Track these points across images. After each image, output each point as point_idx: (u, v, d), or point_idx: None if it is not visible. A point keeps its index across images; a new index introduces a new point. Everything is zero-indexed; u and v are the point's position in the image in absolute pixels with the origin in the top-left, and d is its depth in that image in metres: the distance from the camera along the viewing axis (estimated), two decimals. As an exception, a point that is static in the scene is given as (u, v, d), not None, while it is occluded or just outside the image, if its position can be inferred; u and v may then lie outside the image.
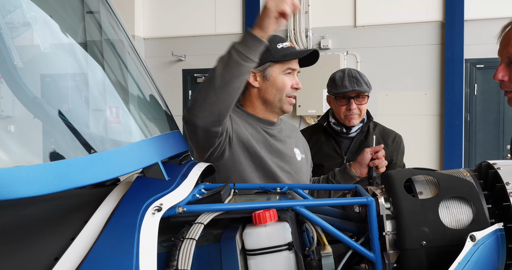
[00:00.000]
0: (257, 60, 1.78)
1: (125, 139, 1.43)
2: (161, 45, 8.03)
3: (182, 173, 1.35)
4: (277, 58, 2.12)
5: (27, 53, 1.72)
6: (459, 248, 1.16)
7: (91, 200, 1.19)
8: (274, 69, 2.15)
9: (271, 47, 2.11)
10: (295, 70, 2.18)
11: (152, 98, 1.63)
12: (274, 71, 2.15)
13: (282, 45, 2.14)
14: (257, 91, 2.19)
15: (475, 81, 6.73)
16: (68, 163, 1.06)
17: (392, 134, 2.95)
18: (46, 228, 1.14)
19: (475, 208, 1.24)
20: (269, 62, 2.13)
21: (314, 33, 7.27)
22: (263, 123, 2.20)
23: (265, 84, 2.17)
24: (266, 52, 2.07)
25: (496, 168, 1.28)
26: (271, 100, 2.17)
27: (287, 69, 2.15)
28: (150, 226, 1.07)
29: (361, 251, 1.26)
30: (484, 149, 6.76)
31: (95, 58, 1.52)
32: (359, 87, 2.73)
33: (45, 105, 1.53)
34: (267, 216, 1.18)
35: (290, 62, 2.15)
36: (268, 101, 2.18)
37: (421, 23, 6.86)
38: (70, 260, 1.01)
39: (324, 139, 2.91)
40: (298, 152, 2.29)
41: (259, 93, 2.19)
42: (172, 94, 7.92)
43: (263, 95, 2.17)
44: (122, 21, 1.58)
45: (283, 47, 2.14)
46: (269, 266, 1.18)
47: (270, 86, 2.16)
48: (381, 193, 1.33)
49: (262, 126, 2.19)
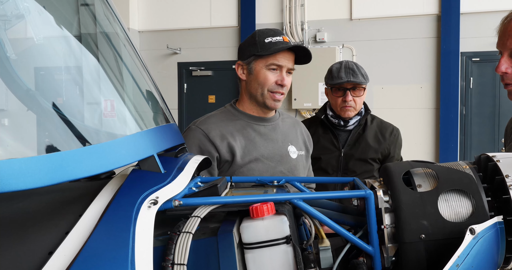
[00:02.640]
0: None
1: (120, 132, 1.42)
2: (156, 38, 7.99)
3: (178, 166, 1.33)
4: (260, 52, 2.12)
5: (20, 45, 1.69)
6: (458, 241, 1.15)
7: (86, 193, 1.17)
8: (257, 63, 2.16)
9: (258, 40, 2.12)
10: (282, 66, 2.15)
11: (147, 90, 1.61)
12: (258, 65, 2.16)
13: (270, 39, 2.12)
14: (244, 84, 2.24)
15: (470, 75, 6.73)
16: (62, 155, 1.04)
17: (390, 127, 2.95)
18: (40, 222, 1.12)
19: (475, 201, 1.22)
20: (253, 56, 2.13)
21: (309, 26, 7.25)
22: (254, 120, 2.22)
23: (249, 78, 2.20)
24: (252, 46, 2.11)
25: (496, 161, 1.27)
26: (254, 94, 2.20)
27: (271, 64, 2.14)
28: (146, 219, 1.05)
29: (359, 244, 1.25)
30: (480, 142, 6.78)
31: (89, 50, 1.50)
32: (355, 78, 2.72)
33: (39, 97, 1.50)
34: (264, 209, 1.16)
35: (275, 58, 2.13)
36: (252, 95, 2.21)
37: (417, 16, 6.85)
38: (64, 254, 1.00)
39: (322, 132, 2.90)
40: (294, 149, 2.29)
41: (246, 86, 2.23)
42: (167, 87, 7.90)
43: (248, 89, 2.21)
44: (117, 13, 1.55)
45: (271, 41, 2.12)
46: (266, 260, 1.16)
47: (253, 79, 2.18)
48: (379, 186, 1.31)
49: (253, 123, 2.19)
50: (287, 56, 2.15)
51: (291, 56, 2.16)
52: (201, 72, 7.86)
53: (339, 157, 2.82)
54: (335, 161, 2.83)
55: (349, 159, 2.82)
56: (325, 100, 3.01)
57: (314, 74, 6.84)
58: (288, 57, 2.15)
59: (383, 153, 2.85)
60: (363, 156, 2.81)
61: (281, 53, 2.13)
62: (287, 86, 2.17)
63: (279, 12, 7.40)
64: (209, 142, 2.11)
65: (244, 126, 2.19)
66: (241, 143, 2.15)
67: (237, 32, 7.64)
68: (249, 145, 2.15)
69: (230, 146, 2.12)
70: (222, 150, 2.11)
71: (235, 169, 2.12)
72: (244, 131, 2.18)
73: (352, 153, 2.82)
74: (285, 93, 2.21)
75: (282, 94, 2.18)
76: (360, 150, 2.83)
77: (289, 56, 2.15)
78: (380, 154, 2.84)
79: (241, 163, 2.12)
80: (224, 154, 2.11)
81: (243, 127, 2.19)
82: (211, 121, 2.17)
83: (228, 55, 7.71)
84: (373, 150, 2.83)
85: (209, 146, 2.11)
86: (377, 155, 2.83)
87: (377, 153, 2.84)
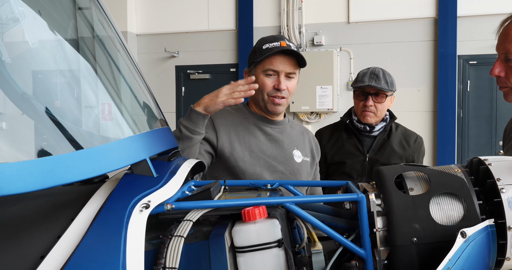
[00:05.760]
0: (203, 132, 2.05)
1: (113, 136, 1.42)
2: (154, 41, 8.00)
3: (171, 169, 1.33)
4: (258, 58, 2.18)
5: (15, 48, 1.69)
6: (450, 245, 1.15)
7: (78, 197, 1.17)
8: (256, 69, 2.23)
9: (257, 47, 2.17)
10: (279, 71, 2.18)
11: (141, 95, 1.61)
12: (257, 71, 2.23)
13: (268, 45, 2.16)
14: None
15: (468, 78, 6.74)
16: (54, 159, 1.04)
17: (414, 135, 2.98)
18: (32, 226, 1.12)
19: (466, 204, 1.23)
20: (253, 63, 2.18)
21: (307, 29, 7.26)
22: (263, 121, 2.29)
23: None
24: (252, 53, 2.20)
25: (487, 164, 1.27)
26: (257, 99, 2.26)
27: (267, 69, 2.18)
28: (138, 223, 1.05)
29: (351, 248, 1.25)
30: (477, 145, 6.78)
31: (83, 54, 1.50)
32: (377, 84, 2.72)
33: (32, 101, 1.51)
34: (256, 213, 1.17)
35: (270, 63, 2.17)
36: (255, 100, 2.27)
37: (414, 19, 6.86)
38: (56, 258, 1.00)
39: (346, 137, 2.91)
40: (299, 154, 2.31)
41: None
42: (165, 91, 7.90)
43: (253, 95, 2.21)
44: (110, 16, 1.56)
45: (268, 47, 2.16)
46: (258, 264, 1.16)
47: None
48: (372, 190, 1.32)
49: (260, 124, 2.25)
50: (283, 60, 2.16)
51: (289, 60, 2.18)
52: (198, 75, 7.85)
53: (364, 162, 2.83)
54: (360, 166, 2.84)
55: (374, 164, 2.81)
56: (322, 103, 3.04)
57: (312, 78, 6.86)
58: (285, 61, 2.17)
59: (407, 159, 2.87)
60: (387, 161, 2.81)
61: (277, 57, 2.15)
62: (286, 90, 2.19)
63: (277, 15, 7.41)
64: (212, 129, 2.17)
65: (252, 124, 2.25)
66: (244, 138, 2.20)
67: (235, 35, 7.65)
68: (251, 141, 2.20)
69: (231, 138, 2.17)
70: (222, 138, 2.16)
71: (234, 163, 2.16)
72: (250, 127, 2.24)
73: (377, 158, 2.83)
74: (287, 97, 2.24)
75: (282, 98, 2.21)
76: (385, 156, 2.84)
77: (286, 60, 2.17)
78: (404, 160, 2.85)
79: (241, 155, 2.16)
80: (223, 143, 2.16)
81: (251, 124, 2.25)
82: (220, 111, 2.21)
83: (226, 59, 7.72)
84: (398, 156, 2.84)
85: (211, 132, 2.16)
86: (401, 161, 2.84)
87: (402, 159, 2.85)
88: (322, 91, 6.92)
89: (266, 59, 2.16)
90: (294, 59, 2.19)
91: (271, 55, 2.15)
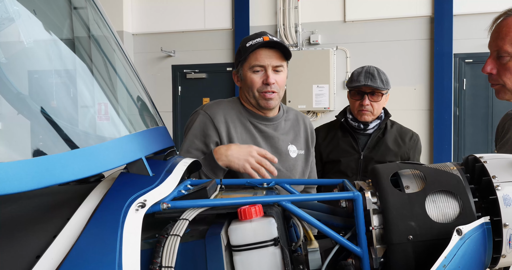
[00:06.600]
0: (222, 173, 2.07)
1: (108, 135, 1.42)
2: (150, 40, 7.99)
3: (167, 169, 1.33)
4: (243, 56, 2.19)
5: (11, 48, 1.69)
6: (446, 242, 1.15)
7: (74, 197, 1.17)
8: (244, 68, 2.23)
9: (241, 46, 2.20)
10: (265, 66, 2.17)
11: (136, 94, 1.61)
12: (244, 70, 2.23)
13: (251, 42, 2.17)
14: (241, 91, 2.31)
15: (464, 76, 6.75)
16: (50, 159, 1.04)
17: (410, 132, 2.98)
18: (28, 226, 1.12)
19: (462, 202, 1.23)
20: (239, 62, 2.20)
21: (303, 28, 7.26)
22: (256, 118, 2.28)
23: (242, 83, 2.28)
24: (238, 53, 2.23)
25: (483, 162, 1.27)
26: (248, 97, 2.25)
27: (253, 66, 2.18)
28: (134, 222, 1.05)
29: (347, 246, 1.25)
30: (473, 143, 6.79)
31: (78, 54, 1.50)
32: (372, 83, 2.72)
33: (28, 101, 1.50)
34: (252, 211, 1.17)
35: (256, 58, 2.17)
36: (247, 98, 2.26)
37: (410, 18, 6.87)
38: (51, 258, 1.00)
39: (341, 135, 2.92)
40: (294, 148, 2.31)
41: (243, 91, 2.29)
42: (162, 90, 7.90)
43: (244, 94, 2.27)
44: (106, 15, 1.55)
45: (251, 44, 2.16)
46: (254, 262, 1.17)
47: (244, 84, 2.25)
48: (367, 188, 1.32)
49: (255, 121, 2.26)
50: (268, 54, 2.16)
51: (274, 53, 2.17)
52: (195, 74, 7.85)
53: (359, 160, 2.83)
54: (355, 164, 2.84)
55: (368, 161, 2.82)
56: (319, 102, 3.04)
57: (308, 76, 6.86)
58: (270, 54, 2.16)
59: (402, 157, 2.87)
60: (382, 159, 2.81)
61: (261, 52, 2.15)
62: (276, 84, 2.18)
63: (273, 14, 7.40)
64: (213, 127, 2.17)
65: (247, 121, 2.25)
66: (242, 135, 2.20)
67: (231, 34, 7.65)
68: (248, 139, 2.20)
69: (230, 136, 2.17)
70: (223, 136, 2.16)
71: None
72: (247, 124, 2.24)
73: (371, 156, 2.83)
74: (278, 91, 2.21)
75: (273, 92, 2.19)
76: (380, 153, 2.84)
77: (270, 53, 2.16)
78: (399, 158, 2.85)
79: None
80: (224, 141, 2.16)
81: (246, 121, 2.25)
82: (219, 107, 2.22)
83: (222, 58, 7.72)
84: (393, 153, 2.85)
85: (212, 130, 2.16)
86: (396, 158, 2.84)
87: (397, 156, 2.85)
88: (319, 90, 6.92)
89: (251, 55, 2.16)
90: (279, 52, 2.17)
91: (255, 50, 2.14)
